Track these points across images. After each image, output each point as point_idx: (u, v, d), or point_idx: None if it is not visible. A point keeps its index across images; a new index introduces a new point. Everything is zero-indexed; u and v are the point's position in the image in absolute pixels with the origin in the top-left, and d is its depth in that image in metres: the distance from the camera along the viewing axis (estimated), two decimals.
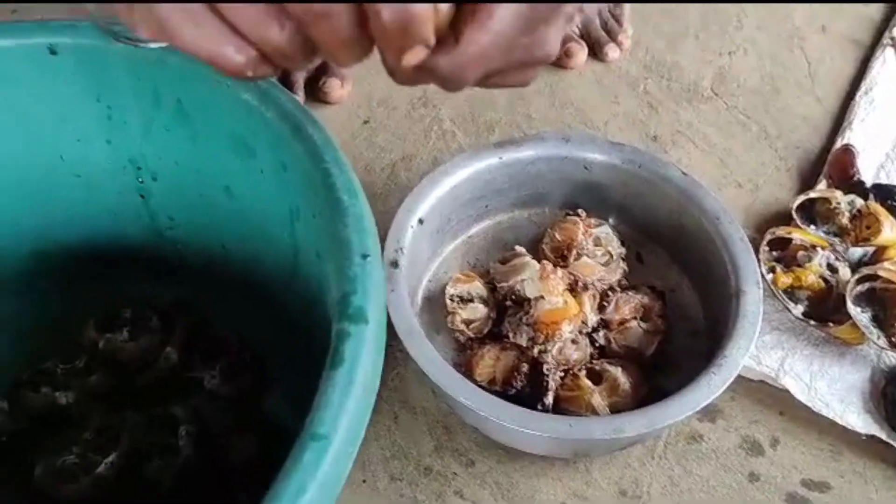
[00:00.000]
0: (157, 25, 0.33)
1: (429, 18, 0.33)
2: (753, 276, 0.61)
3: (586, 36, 0.90)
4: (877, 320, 0.64)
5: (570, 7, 0.38)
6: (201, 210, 0.57)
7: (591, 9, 0.90)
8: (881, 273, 0.65)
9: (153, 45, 0.46)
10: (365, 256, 0.40)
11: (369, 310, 0.38)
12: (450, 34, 0.35)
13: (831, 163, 0.78)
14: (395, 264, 0.62)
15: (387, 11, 0.31)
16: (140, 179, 0.57)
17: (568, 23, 0.39)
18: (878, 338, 0.63)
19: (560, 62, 0.88)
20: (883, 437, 0.61)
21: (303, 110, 0.46)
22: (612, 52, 0.89)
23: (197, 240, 0.60)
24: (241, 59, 0.33)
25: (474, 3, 0.35)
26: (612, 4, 0.91)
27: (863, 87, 0.85)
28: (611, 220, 0.72)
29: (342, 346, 0.37)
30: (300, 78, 0.85)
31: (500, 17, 0.36)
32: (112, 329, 0.61)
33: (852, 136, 0.80)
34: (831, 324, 0.65)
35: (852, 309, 0.64)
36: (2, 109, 0.52)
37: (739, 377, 0.66)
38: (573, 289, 0.65)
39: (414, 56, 0.33)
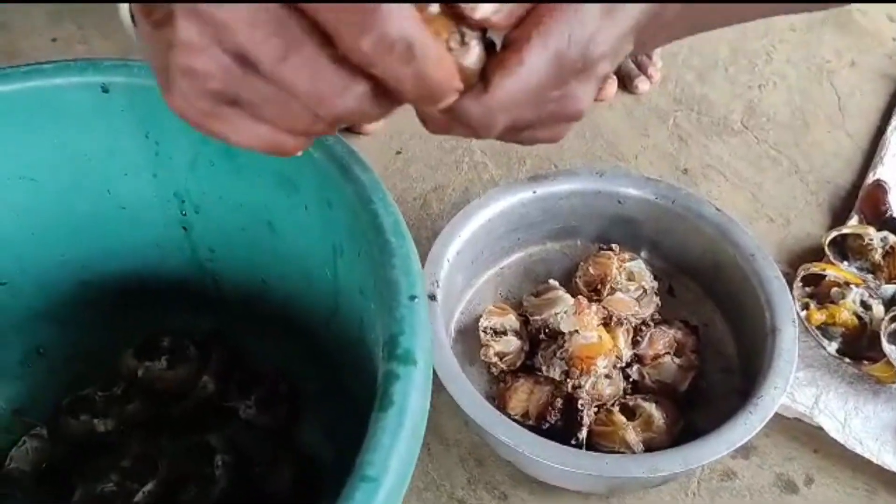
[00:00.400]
0: (202, 131, 0.34)
1: (452, 78, 0.33)
2: (789, 315, 0.61)
3: (616, 69, 0.90)
4: None
5: (603, 67, 0.38)
6: (242, 244, 0.58)
7: None
8: None
9: None
10: (413, 298, 0.40)
11: (417, 351, 0.39)
12: (480, 81, 0.36)
13: (863, 198, 0.78)
14: (433, 298, 0.62)
15: (409, 84, 0.31)
16: (183, 212, 0.58)
17: (601, 82, 0.39)
18: None
19: None
20: None
21: (350, 150, 0.47)
22: (642, 84, 0.90)
23: (237, 272, 0.61)
24: (290, 149, 0.34)
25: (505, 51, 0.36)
26: None
27: (893, 123, 0.85)
28: (643, 254, 0.72)
29: (391, 388, 0.37)
30: None
31: (530, 64, 0.36)
32: (151, 357, 0.62)
33: (884, 171, 0.80)
34: (866, 361, 0.65)
35: (887, 347, 0.64)
36: (53, 144, 0.53)
37: (774, 414, 0.66)
38: (607, 323, 0.65)
39: (443, 103, 0.34)
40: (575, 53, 0.37)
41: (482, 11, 0.34)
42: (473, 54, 0.35)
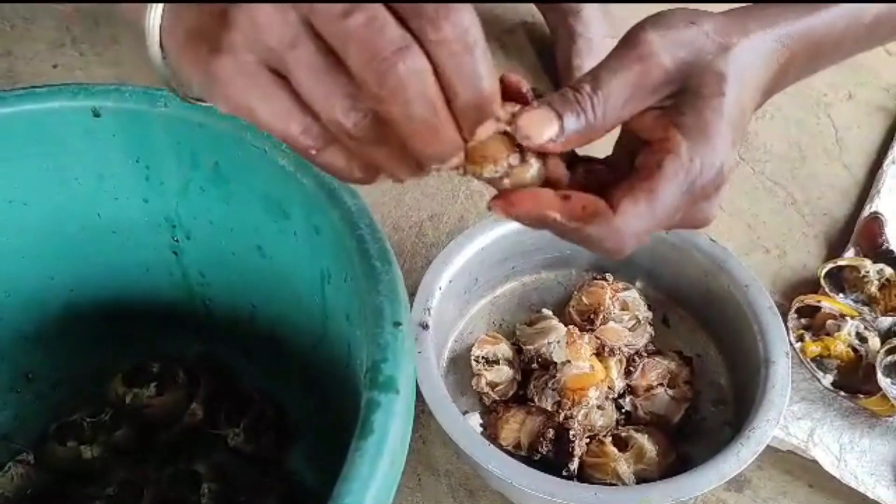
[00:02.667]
0: (233, 102, 0.33)
1: (496, 94, 0.33)
2: (782, 346, 0.60)
3: None
4: None
5: (726, 177, 0.38)
6: (232, 268, 0.58)
7: None
8: None
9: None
10: (397, 325, 0.40)
11: (400, 379, 0.38)
12: (608, 206, 0.36)
13: (859, 231, 0.78)
14: (424, 327, 0.62)
15: (465, 90, 0.31)
16: (174, 237, 0.58)
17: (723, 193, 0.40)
18: None
19: None
20: None
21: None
22: None
23: (227, 297, 0.61)
24: (307, 141, 0.33)
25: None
26: None
27: (890, 156, 0.85)
28: (638, 284, 0.72)
29: (372, 416, 0.37)
30: None
31: (662, 195, 0.36)
32: (139, 384, 0.62)
33: (881, 204, 0.80)
34: (861, 395, 0.64)
35: (883, 380, 0.63)
36: (44, 167, 0.54)
37: (767, 446, 0.65)
38: (600, 353, 0.65)
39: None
40: (707, 180, 0.37)
41: (537, 140, 0.36)
42: (533, 170, 0.37)
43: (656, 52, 0.38)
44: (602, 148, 0.41)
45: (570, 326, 0.65)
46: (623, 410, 0.64)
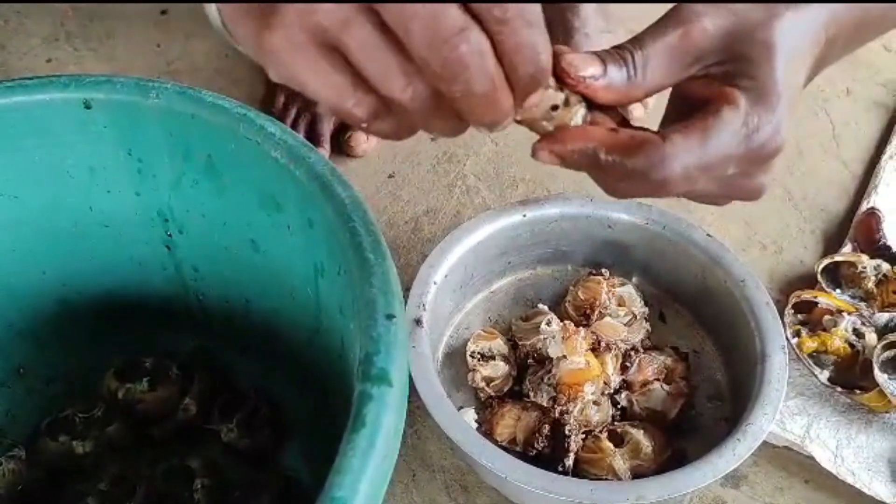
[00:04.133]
0: (285, 75, 0.33)
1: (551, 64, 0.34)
2: (779, 342, 0.60)
3: None
4: None
5: (781, 144, 0.38)
6: (226, 262, 0.58)
7: None
8: None
9: None
10: (390, 317, 0.40)
11: (392, 372, 0.38)
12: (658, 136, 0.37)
13: (857, 226, 0.78)
14: (418, 322, 0.61)
15: (524, 65, 0.32)
16: (167, 231, 0.57)
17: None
18: None
19: None
20: None
21: (332, 169, 0.46)
22: (636, 110, 0.89)
23: (220, 291, 0.61)
24: (360, 114, 0.34)
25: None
26: None
27: (888, 152, 0.84)
28: (634, 280, 0.72)
29: (364, 409, 0.36)
30: (327, 131, 0.86)
31: (714, 133, 0.37)
32: (132, 379, 0.61)
33: (878, 199, 0.80)
34: (858, 391, 0.64)
35: (879, 376, 0.63)
36: (35, 160, 0.53)
37: (764, 443, 0.64)
38: (595, 349, 0.64)
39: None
40: (765, 137, 0.38)
41: (581, 71, 0.38)
42: (578, 115, 0.39)
43: (698, 18, 0.39)
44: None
45: (566, 322, 0.64)
46: (619, 406, 0.64)
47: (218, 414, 0.62)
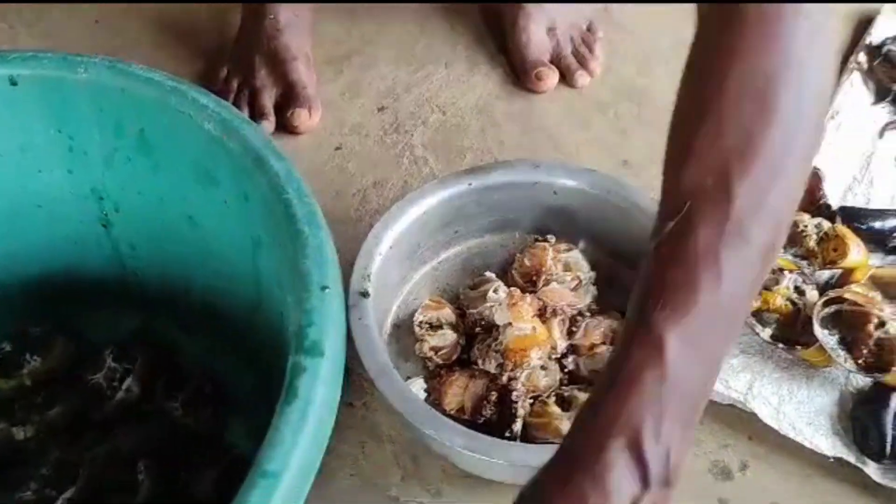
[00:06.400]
0: None
1: None
2: None
3: (557, 62, 0.90)
4: (844, 343, 0.64)
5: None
6: (164, 240, 0.57)
7: (563, 35, 0.91)
8: (847, 295, 0.65)
9: None
10: (324, 288, 0.40)
11: (326, 343, 0.38)
12: None
13: None
14: (364, 294, 0.61)
15: None
16: (103, 210, 0.56)
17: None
18: (845, 360, 0.63)
19: (531, 86, 0.88)
20: (851, 460, 0.61)
21: (265, 141, 0.46)
22: (581, 78, 0.89)
23: (160, 270, 0.60)
24: None
25: None
26: (584, 32, 0.92)
27: (829, 112, 0.85)
28: (582, 245, 0.72)
29: (296, 381, 0.36)
30: (269, 104, 0.85)
31: None
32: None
33: (819, 159, 0.81)
34: (799, 347, 0.65)
35: (819, 332, 0.64)
36: None
37: (709, 401, 0.66)
38: (542, 314, 0.65)
39: None
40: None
41: None
42: None
43: None
44: None
45: (512, 288, 0.65)
46: (567, 370, 0.64)
47: (161, 394, 0.61)
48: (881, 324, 0.64)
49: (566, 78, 0.90)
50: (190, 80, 0.50)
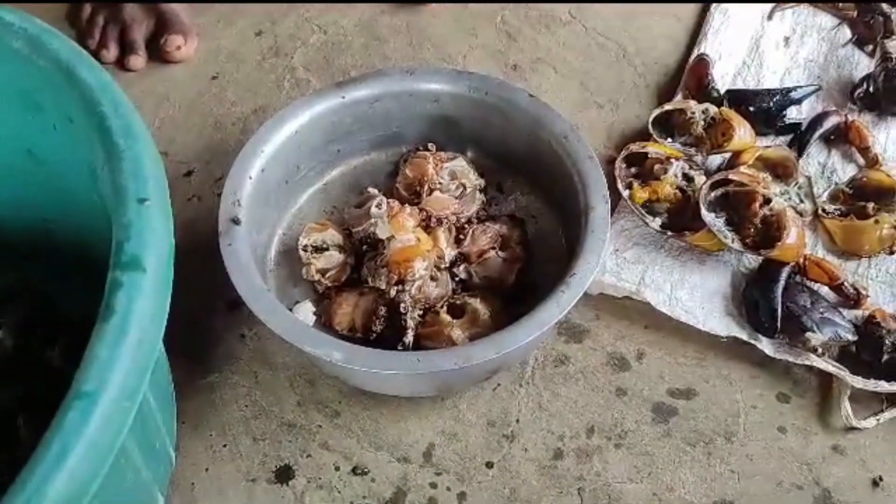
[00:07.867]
0: None
1: None
2: (601, 192, 0.60)
3: None
4: (731, 223, 0.64)
5: None
6: (11, 182, 0.54)
7: None
8: (732, 176, 0.65)
9: None
10: (142, 201, 0.37)
11: (146, 257, 0.36)
12: None
13: (687, 74, 0.78)
14: (235, 220, 0.59)
15: None
16: None
17: None
18: (733, 241, 0.63)
19: None
20: (744, 337, 0.61)
21: (77, 53, 0.42)
22: None
23: (16, 214, 0.57)
24: None
25: None
26: None
27: None
28: (470, 154, 0.70)
29: (112, 298, 0.34)
30: (139, 37, 0.81)
31: None
32: None
33: (707, 46, 0.80)
34: (688, 232, 0.64)
35: (706, 215, 0.64)
36: None
37: (604, 296, 0.65)
38: (427, 225, 0.63)
39: None
40: None
41: None
42: None
43: None
44: None
45: (392, 201, 0.63)
46: (458, 279, 0.63)
47: (39, 342, 0.58)
48: (766, 201, 0.63)
49: None
50: (52, 22, 0.46)
